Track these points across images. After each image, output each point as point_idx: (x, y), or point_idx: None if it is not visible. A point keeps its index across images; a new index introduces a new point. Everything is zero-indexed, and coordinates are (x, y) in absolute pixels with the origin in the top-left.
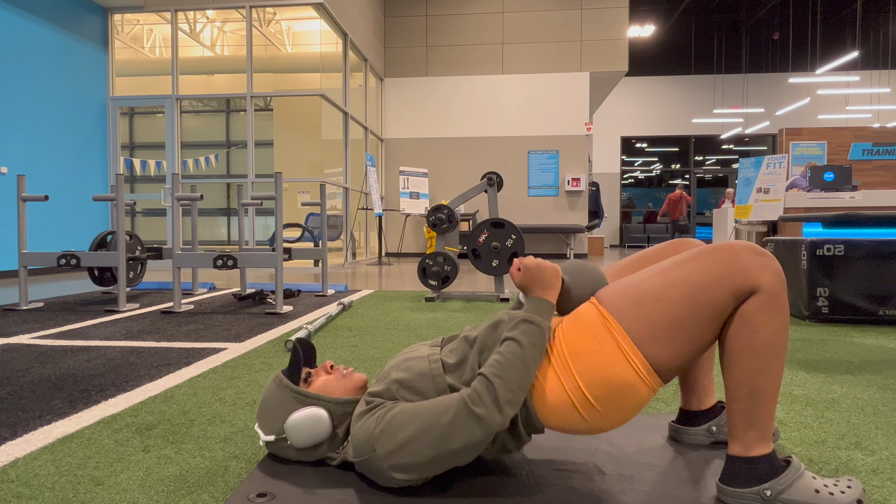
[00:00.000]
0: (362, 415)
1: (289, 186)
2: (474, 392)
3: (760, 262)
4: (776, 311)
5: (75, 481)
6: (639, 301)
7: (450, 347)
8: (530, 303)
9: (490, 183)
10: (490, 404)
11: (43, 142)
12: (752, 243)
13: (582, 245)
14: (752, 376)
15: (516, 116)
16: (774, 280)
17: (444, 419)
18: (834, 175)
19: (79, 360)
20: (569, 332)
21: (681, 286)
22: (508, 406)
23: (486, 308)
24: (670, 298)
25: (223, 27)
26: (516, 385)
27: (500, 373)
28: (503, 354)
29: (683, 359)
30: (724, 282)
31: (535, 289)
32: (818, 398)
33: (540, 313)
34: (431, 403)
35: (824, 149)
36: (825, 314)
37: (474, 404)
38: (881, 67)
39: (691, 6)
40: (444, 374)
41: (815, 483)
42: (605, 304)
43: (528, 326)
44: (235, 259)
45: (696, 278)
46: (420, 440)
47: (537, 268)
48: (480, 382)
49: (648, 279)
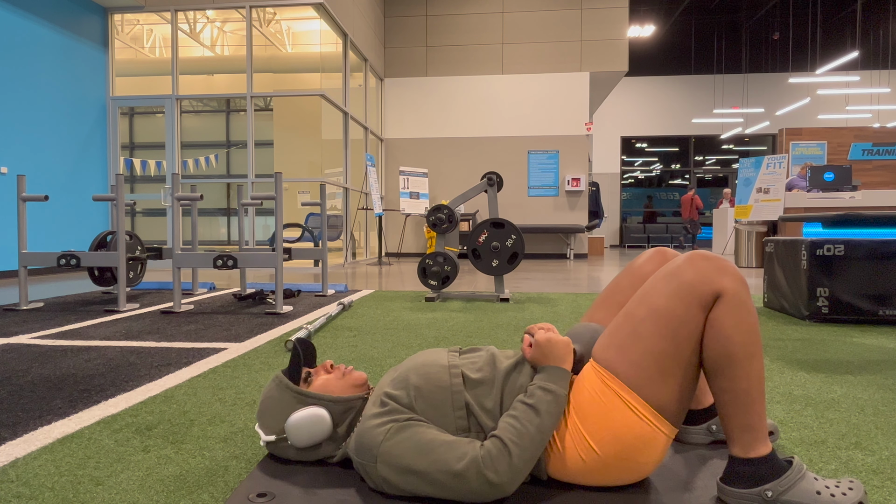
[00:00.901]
0: (375, 416)
1: (289, 186)
2: (489, 456)
3: (714, 267)
4: (743, 312)
5: (75, 481)
6: (622, 347)
7: (472, 360)
8: (547, 372)
9: (490, 183)
10: (504, 472)
11: (43, 142)
12: (703, 251)
13: (582, 245)
14: (735, 381)
15: (516, 116)
16: (733, 282)
17: (453, 469)
18: (834, 175)
19: (79, 360)
20: (574, 397)
21: (650, 319)
22: (520, 475)
23: (486, 308)
24: (645, 334)
25: (223, 27)
26: (530, 455)
27: (518, 440)
28: (520, 420)
29: (683, 392)
30: (686, 298)
31: (549, 363)
32: (818, 398)
33: (556, 382)
34: (446, 446)
35: (824, 149)
36: (825, 314)
37: (487, 469)
38: (881, 67)
39: (691, 6)
40: (463, 391)
41: (816, 484)
42: (598, 359)
43: (544, 394)
44: (235, 259)
45: (660, 305)
46: (423, 478)
47: (548, 344)
48: (497, 448)
49: (624, 321)
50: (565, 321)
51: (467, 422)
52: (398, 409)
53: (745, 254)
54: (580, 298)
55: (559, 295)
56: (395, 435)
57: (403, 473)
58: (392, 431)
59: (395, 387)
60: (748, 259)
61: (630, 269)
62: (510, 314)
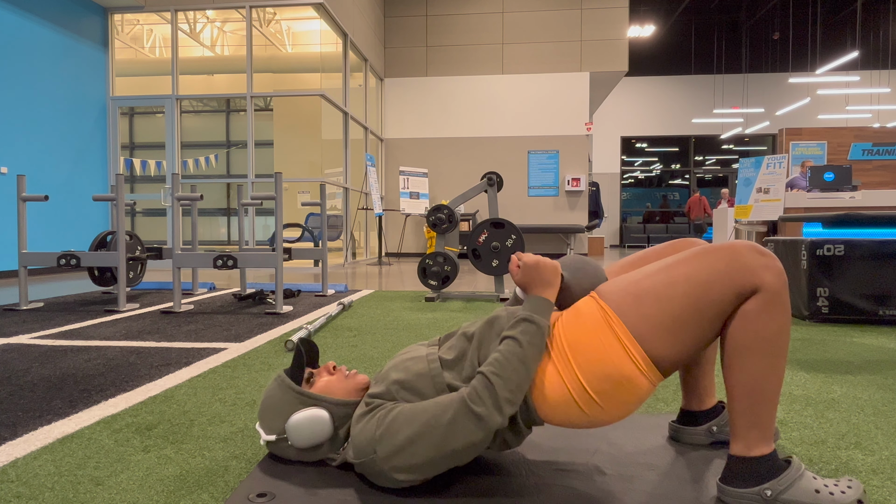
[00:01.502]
0: (362, 416)
1: (289, 186)
2: (474, 391)
3: (762, 262)
4: (778, 311)
5: (75, 481)
6: (640, 298)
7: (448, 345)
8: (529, 301)
9: (490, 183)
10: (490, 404)
11: (43, 142)
12: (753, 243)
13: (582, 245)
14: (753, 376)
15: (516, 116)
16: (776, 279)
17: (444, 419)
18: (834, 175)
19: (79, 360)
20: (568, 327)
21: (683, 285)
22: (508, 405)
23: (487, 308)
24: (672, 297)
25: (223, 27)
26: (515, 384)
27: (500, 372)
28: (502, 353)
29: (684, 355)
30: (726, 281)
31: (535, 286)
32: (818, 398)
33: (539, 312)
34: (431, 404)
35: (824, 149)
36: (825, 314)
37: (474, 403)
38: (881, 67)
39: (691, 6)
40: (442, 373)
41: (815, 483)
42: (606, 298)
43: (527, 325)
44: (235, 259)
45: (699, 277)
46: (420, 441)
47: (536, 266)
48: (480, 382)
49: (650, 276)
50: None
51: None
52: (383, 405)
53: None
54: None
55: None
56: (385, 420)
57: (404, 447)
58: (381, 418)
59: (377, 386)
60: None
61: (656, 249)
62: None
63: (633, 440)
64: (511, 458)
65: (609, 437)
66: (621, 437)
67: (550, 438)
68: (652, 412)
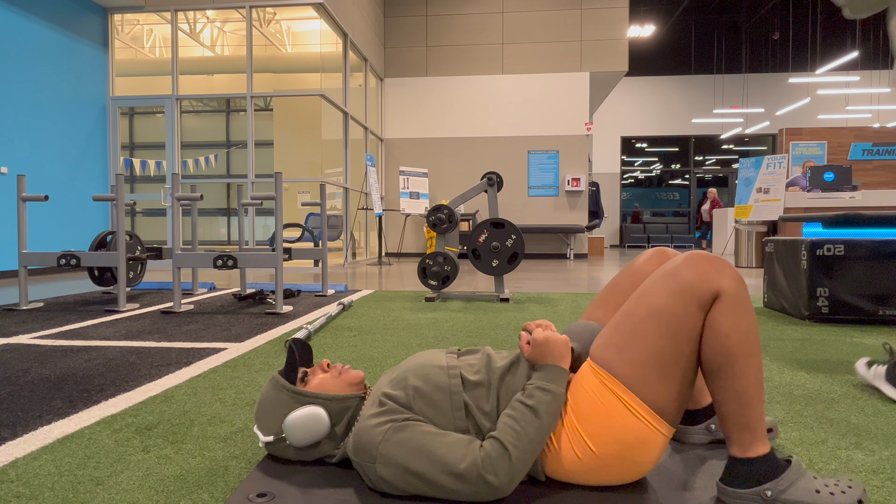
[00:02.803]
0: (373, 416)
1: (289, 186)
2: (488, 458)
3: (713, 267)
4: (741, 311)
5: (75, 481)
6: (621, 347)
7: (470, 362)
8: (545, 371)
9: (490, 183)
10: (503, 474)
11: (43, 142)
12: (701, 251)
13: (582, 245)
14: (734, 380)
15: (516, 116)
16: (732, 282)
17: (454, 471)
18: (834, 175)
19: (79, 360)
20: (571, 396)
21: (649, 318)
22: (519, 476)
23: (486, 308)
24: (645, 334)
25: (223, 27)
26: (530, 455)
27: (517, 443)
28: (519, 422)
29: (681, 392)
30: (686, 297)
31: (546, 361)
32: (818, 398)
33: (554, 381)
34: (446, 447)
35: (824, 149)
36: (825, 314)
37: (486, 471)
38: (881, 67)
39: (691, 6)
40: (462, 392)
41: (815, 483)
42: (596, 359)
43: (543, 395)
44: (235, 259)
45: (660, 304)
46: (422, 479)
47: (546, 343)
48: (496, 450)
49: (623, 320)
50: (565, 321)
51: (466, 422)
52: (397, 409)
53: (745, 254)
54: (580, 298)
55: (559, 295)
56: (393, 435)
57: (402, 474)
58: (391, 431)
59: (394, 387)
60: (748, 259)
61: (630, 269)
62: (510, 314)
63: None
64: None
65: None
66: None
67: None
68: None
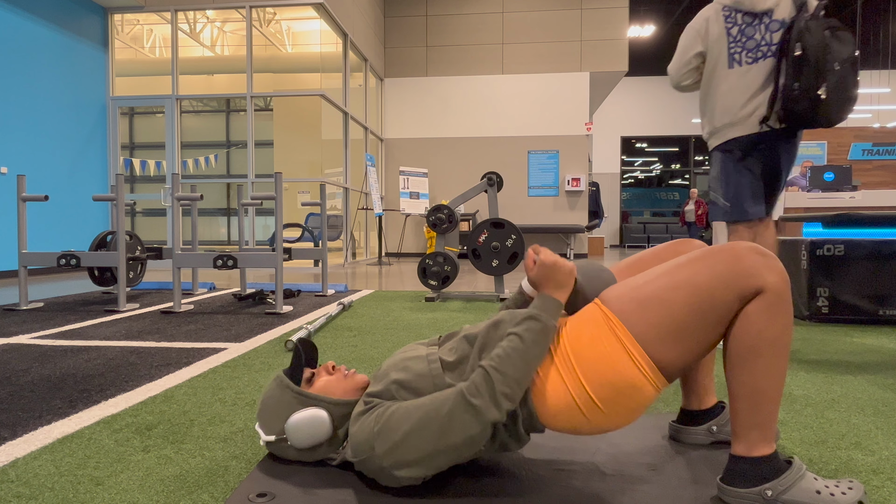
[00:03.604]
0: (361, 415)
1: (289, 186)
2: (472, 384)
3: (764, 263)
4: (781, 312)
5: (75, 481)
6: (644, 303)
7: (449, 346)
8: (539, 300)
9: (490, 183)
10: (487, 397)
11: (43, 142)
12: (755, 244)
13: (582, 245)
14: (755, 377)
15: (516, 116)
16: (778, 280)
17: (442, 412)
18: (834, 175)
19: (79, 360)
20: (573, 333)
21: (685, 289)
22: (505, 400)
23: (486, 308)
24: (675, 301)
25: (223, 27)
26: (514, 381)
27: (500, 367)
28: (504, 349)
29: (689, 359)
30: (729, 284)
31: (547, 286)
32: (818, 398)
33: (547, 311)
34: (429, 398)
35: (824, 149)
36: (825, 314)
37: (471, 395)
38: (881, 67)
39: (691, 6)
40: (443, 374)
41: (816, 484)
42: (609, 305)
43: (533, 323)
44: (235, 259)
45: (701, 281)
46: (418, 435)
47: (553, 265)
48: (479, 375)
49: (653, 281)
50: None
51: None
52: (381, 403)
53: None
54: None
55: None
56: (383, 416)
57: (402, 442)
58: (380, 416)
59: (376, 385)
60: None
61: (655, 251)
62: None
63: (633, 440)
64: (511, 458)
65: (609, 437)
66: (621, 437)
67: (550, 438)
68: (652, 412)
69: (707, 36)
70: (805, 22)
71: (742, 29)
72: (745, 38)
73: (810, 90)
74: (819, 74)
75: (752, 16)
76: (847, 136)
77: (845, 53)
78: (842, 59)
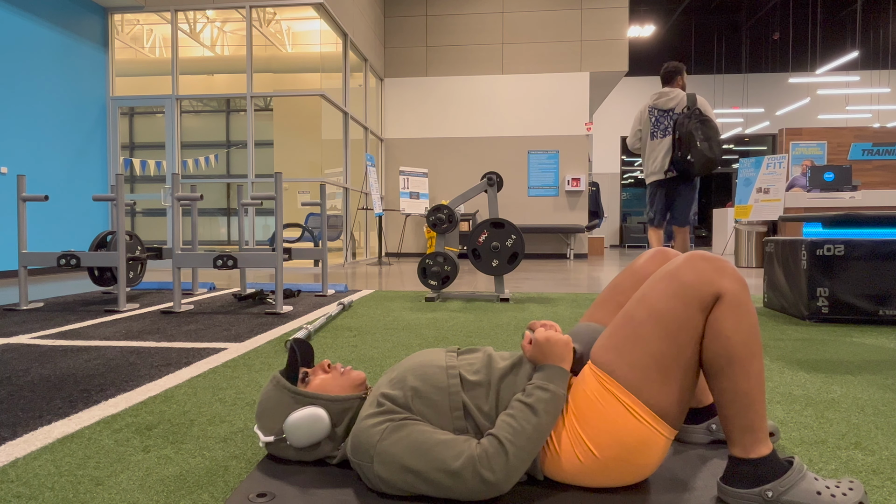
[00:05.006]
0: (371, 416)
1: (289, 186)
2: (485, 455)
3: (714, 268)
4: (743, 313)
5: (75, 481)
6: (621, 349)
7: (469, 361)
8: (545, 371)
9: (490, 183)
10: (500, 472)
11: (43, 142)
12: (702, 252)
13: (582, 245)
14: (735, 382)
15: (516, 116)
16: (732, 283)
17: (450, 468)
18: (834, 175)
19: (79, 360)
20: (573, 398)
21: (650, 321)
22: (517, 473)
23: (486, 308)
24: (645, 336)
25: (223, 27)
26: (527, 454)
27: (514, 440)
28: (517, 420)
29: (683, 394)
30: (686, 299)
31: (548, 362)
32: (818, 398)
33: (554, 381)
34: (442, 445)
35: (824, 149)
36: (825, 314)
37: (484, 468)
38: (881, 67)
39: (691, 6)
40: (461, 392)
41: (816, 484)
42: (597, 362)
43: (543, 393)
44: (235, 259)
45: (661, 307)
46: (419, 477)
47: (547, 343)
48: (493, 446)
49: (623, 323)
50: (565, 321)
51: (465, 422)
52: (394, 409)
53: (745, 254)
54: (580, 298)
55: (559, 295)
56: (391, 434)
57: (400, 472)
58: (388, 431)
59: (392, 387)
60: (748, 259)
61: (631, 269)
62: (510, 314)
63: None
64: None
65: None
66: None
67: None
68: None
69: (642, 121)
70: (681, 118)
71: (657, 118)
72: (659, 123)
73: (683, 158)
74: (687, 150)
75: (662, 112)
76: (847, 136)
77: (710, 133)
78: (706, 137)
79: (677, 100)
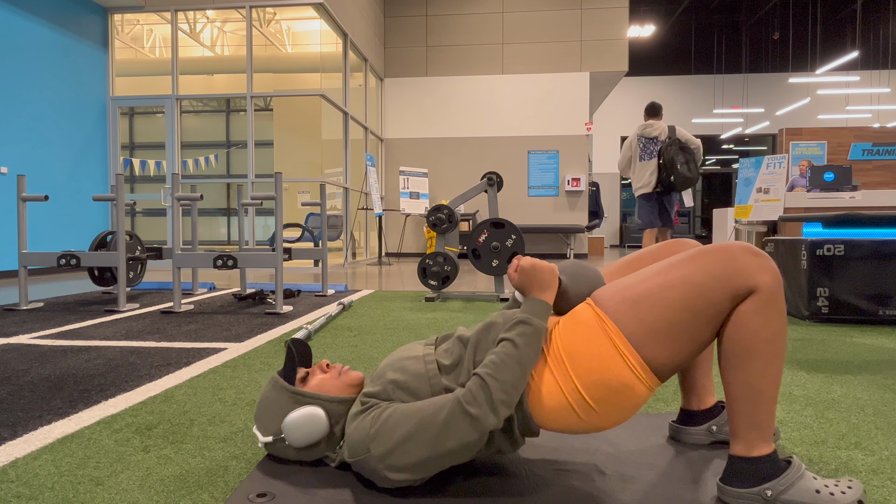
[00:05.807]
0: (357, 415)
1: (289, 186)
2: (469, 392)
3: (758, 263)
4: (774, 312)
5: (75, 481)
6: (636, 303)
7: (444, 347)
8: (527, 304)
9: (490, 183)
10: (484, 404)
11: (43, 142)
12: (748, 244)
13: (582, 245)
14: (751, 377)
15: (516, 116)
16: (772, 280)
17: (439, 418)
18: (834, 175)
19: (79, 360)
20: (565, 334)
21: (679, 288)
22: (503, 406)
23: (486, 308)
24: (668, 300)
25: (223, 27)
26: (511, 386)
27: (495, 373)
28: (498, 355)
29: (681, 359)
30: (722, 283)
31: (532, 290)
32: (818, 398)
33: (536, 314)
34: (426, 403)
35: (824, 149)
36: (825, 314)
37: (468, 404)
38: (881, 67)
39: (691, 6)
40: (439, 376)
41: (815, 483)
42: (601, 305)
43: (524, 327)
44: (235, 259)
45: (694, 280)
46: (415, 440)
47: (533, 268)
48: (475, 382)
49: (646, 280)
50: None
51: None
52: (378, 404)
53: None
54: None
55: None
56: (380, 419)
57: (398, 446)
58: (376, 418)
59: (373, 385)
60: None
61: (650, 250)
62: None
63: (633, 440)
64: (511, 458)
65: (609, 437)
66: (621, 437)
67: (550, 438)
68: (652, 412)
69: (632, 147)
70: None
71: (644, 144)
72: (646, 148)
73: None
74: (669, 171)
75: (647, 139)
76: (847, 136)
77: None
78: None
79: (659, 130)
